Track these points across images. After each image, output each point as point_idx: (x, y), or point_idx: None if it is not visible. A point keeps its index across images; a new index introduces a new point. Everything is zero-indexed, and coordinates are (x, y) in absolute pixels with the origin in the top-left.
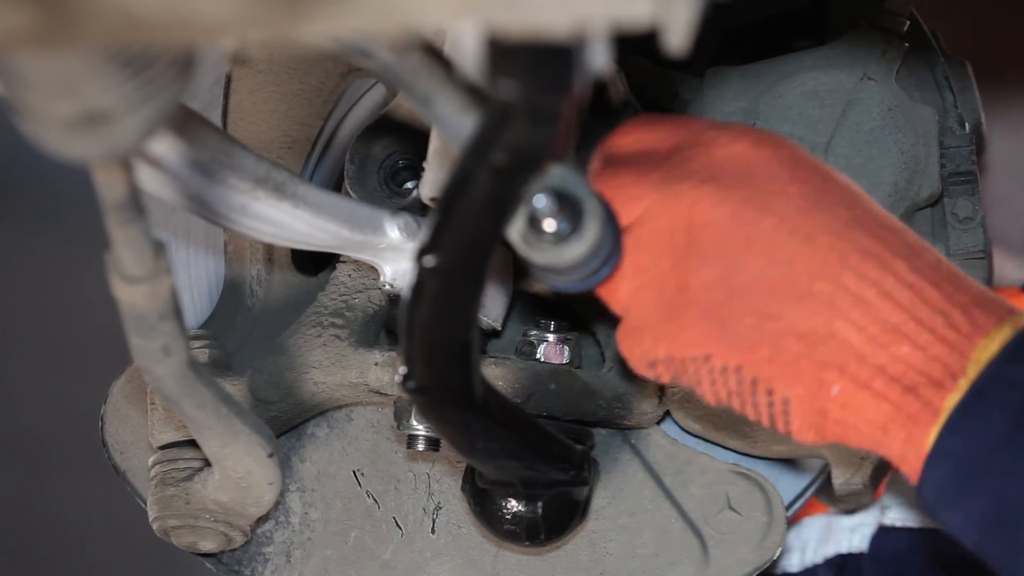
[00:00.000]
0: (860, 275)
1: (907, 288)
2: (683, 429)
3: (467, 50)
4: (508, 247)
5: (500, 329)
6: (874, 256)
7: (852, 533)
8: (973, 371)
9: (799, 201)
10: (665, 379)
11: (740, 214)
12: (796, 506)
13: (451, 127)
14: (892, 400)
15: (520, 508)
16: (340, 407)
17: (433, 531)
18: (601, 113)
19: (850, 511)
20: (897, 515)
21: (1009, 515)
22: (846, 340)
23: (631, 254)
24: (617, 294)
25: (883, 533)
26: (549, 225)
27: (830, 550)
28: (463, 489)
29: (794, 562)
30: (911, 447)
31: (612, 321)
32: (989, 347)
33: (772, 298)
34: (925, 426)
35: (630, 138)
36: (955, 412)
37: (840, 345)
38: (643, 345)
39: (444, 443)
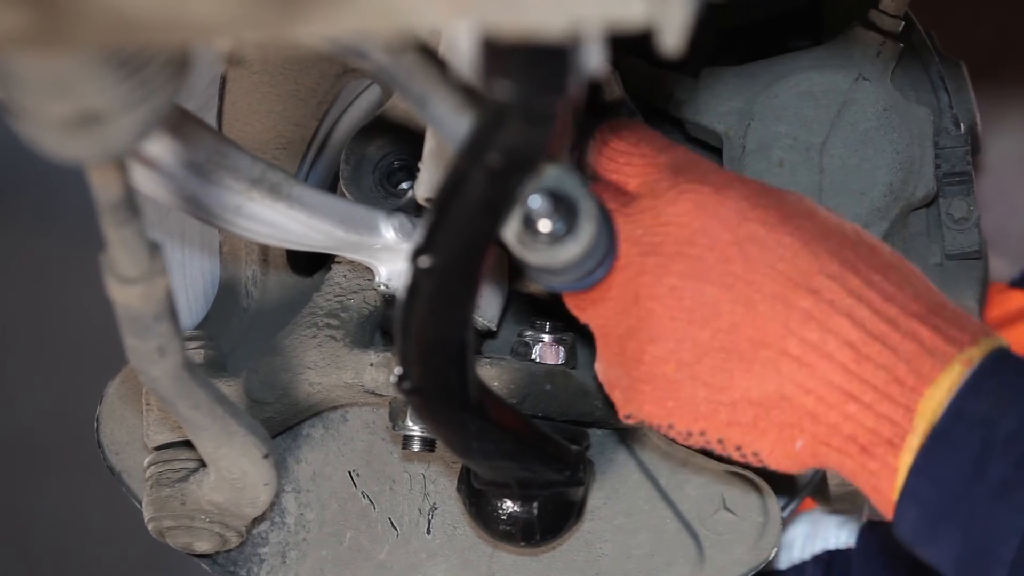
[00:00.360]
0: (801, 339)
1: (848, 347)
2: None
3: (462, 51)
4: (503, 248)
5: (495, 330)
6: (815, 317)
7: (839, 529)
8: (921, 424)
9: (739, 266)
10: (640, 424)
11: (680, 288)
12: (791, 507)
13: (446, 128)
14: (852, 456)
15: (516, 509)
16: (335, 408)
17: (429, 532)
18: (596, 113)
19: (846, 512)
20: None
21: (979, 557)
22: (797, 403)
23: (595, 300)
24: (585, 315)
25: (870, 528)
26: (544, 226)
27: (818, 547)
28: (459, 490)
29: (781, 559)
30: (880, 497)
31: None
32: (935, 396)
33: (721, 369)
34: (888, 481)
35: (612, 165)
36: (920, 454)
37: (793, 407)
38: (616, 399)
39: (439, 444)
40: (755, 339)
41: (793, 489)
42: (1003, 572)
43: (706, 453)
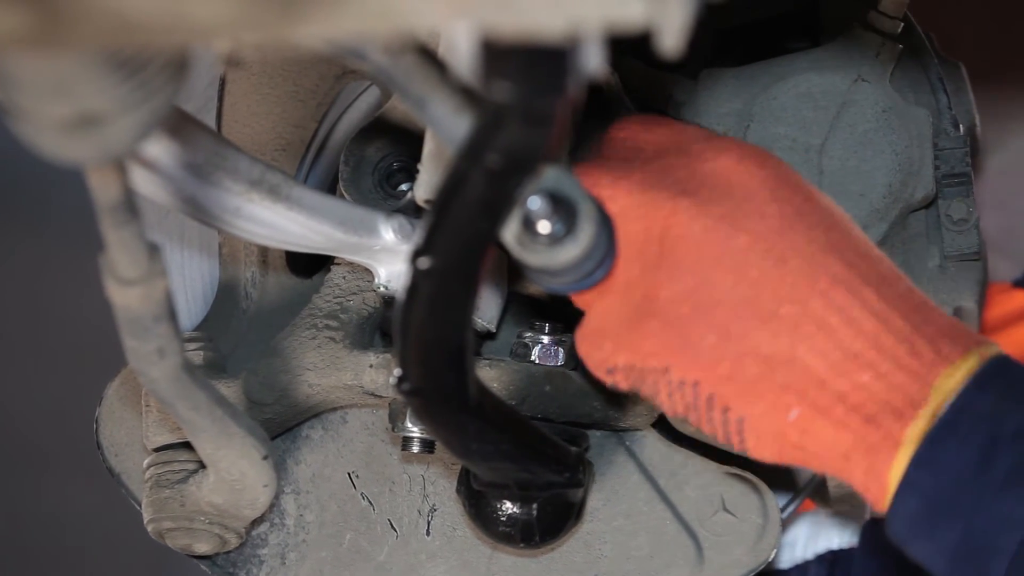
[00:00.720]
0: (828, 300)
1: (873, 316)
2: (678, 431)
3: (461, 52)
4: (503, 249)
5: (495, 331)
6: (844, 282)
7: (843, 529)
8: (935, 400)
9: (775, 222)
10: (623, 386)
11: (714, 230)
12: (791, 508)
13: (445, 129)
14: (852, 429)
15: (515, 510)
16: (335, 409)
17: (428, 533)
18: (595, 115)
19: (846, 514)
20: None
21: (978, 550)
22: (808, 365)
23: (604, 292)
24: (585, 296)
25: (873, 526)
26: (543, 227)
27: (821, 546)
28: (458, 491)
29: (784, 559)
30: (873, 477)
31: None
32: (953, 375)
33: (737, 317)
34: (887, 457)
35: (622, 134)
36: (924, 444)
37: (801, 370)
38: (603, 350)
39: (439, 445)
40: (779, 294)
41: (793, 490)
42: (1004, 563)
43: (693, 445)
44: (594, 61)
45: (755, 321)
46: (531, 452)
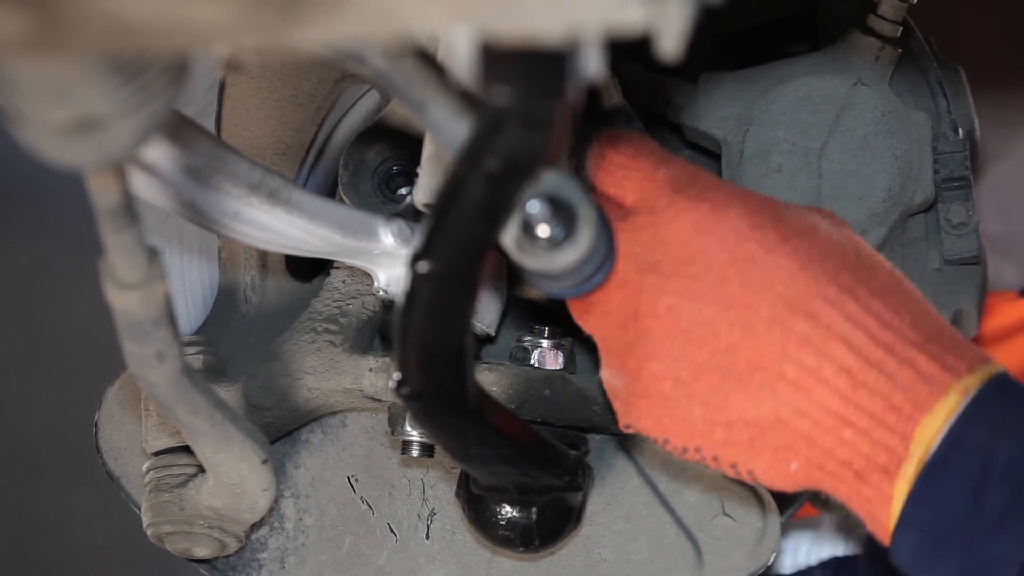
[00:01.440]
0: (797, 363)
1: (844, 373)
2: None
3: (460, 56)
4: (502, 253)
5: (494, 335)
6: (811, 341)
7: (847, 535)
8: (918, 452)
9: (737, 287)
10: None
11: (678, 307)
12: (790, 512)
13: (445, 133)
14: (847, 482)
15: (514, 514)
16: (334, 413)
17: (427, 537)
18: (595, 119)
19: (847, 518)
20: None
21: None
22: (793, 426)
23: (596, 305)
24: (588, 323)
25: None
26: (543, 231)
27: (825, 553)
28: (457, 495)
29: (786, 564)
30: (875, 523)
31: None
32: (932, 424)
33: (717, 388)
34: (883, 509)
35: (609, 178)
36: (919, 481)
37: (788, 430)
38: (615, 405)
39: (438, 449)
40: (752, 361)
41: (792, 495)
42: None
43: None
44: (593, 65)
45: (735, 389)
46: (530, 456)
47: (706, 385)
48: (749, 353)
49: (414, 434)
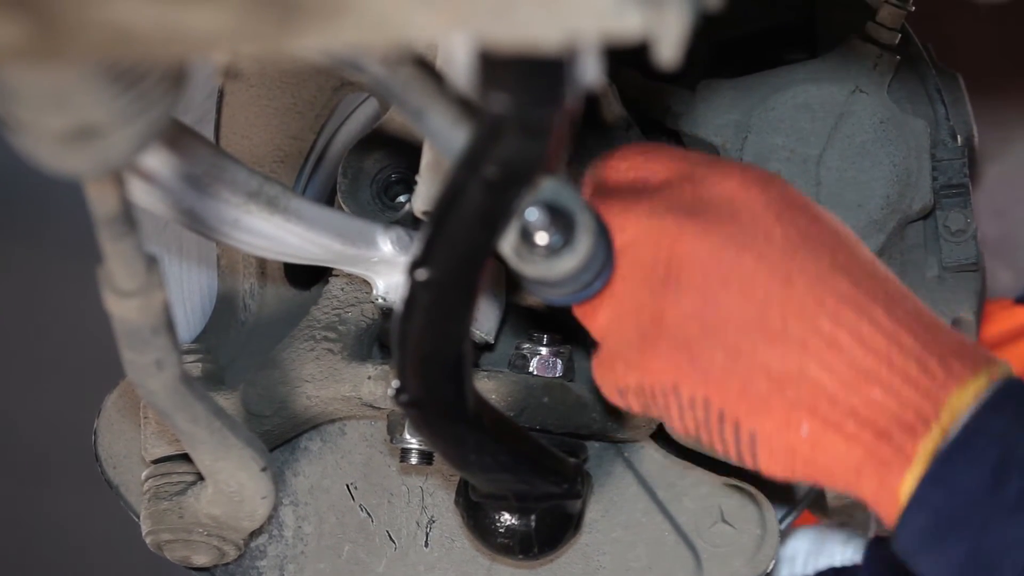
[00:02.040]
0: (836, 319)
1: (882, 334)
2: (677, 442)
3: (458, 63)
4: (501, 260)
5: (493, 342)
6: (851, 301)
7: (844, 546)
8: (946, 418)
9: (781, 243)
10: (635, 408)
11: (721, 251)
12: (789, 519)
13: (443, 140)
14: (864, 444)
15: (513, 521)
16: (333, 421)
17: (426, 545)
18: (594, 126)
19: (843, 524)
20: None
21: (985, 568)
22: (818, 382)
23: (612, 282)
24: (596, 320)
25: (877, 544)
26: (541, 238)
27: (822, 563)
28: (456, 502)
29: (783, 574)
30: (885, 492)
31: (591, 342)
32: (963, 396)
33: (745, 336)
34: (898, 472)
35: (624, 164)
36: (937, 462)
37: (811, 386)
38: (615, 372)
39: (437, 457)
40: (787, 313)
41: (791, 501)
42: None
43: (698, 460)
44: (591, 72)
45: (763, 339)
46: (529, 463)
47: (734, 331)
48: (785, 306)
49: (413, 442)
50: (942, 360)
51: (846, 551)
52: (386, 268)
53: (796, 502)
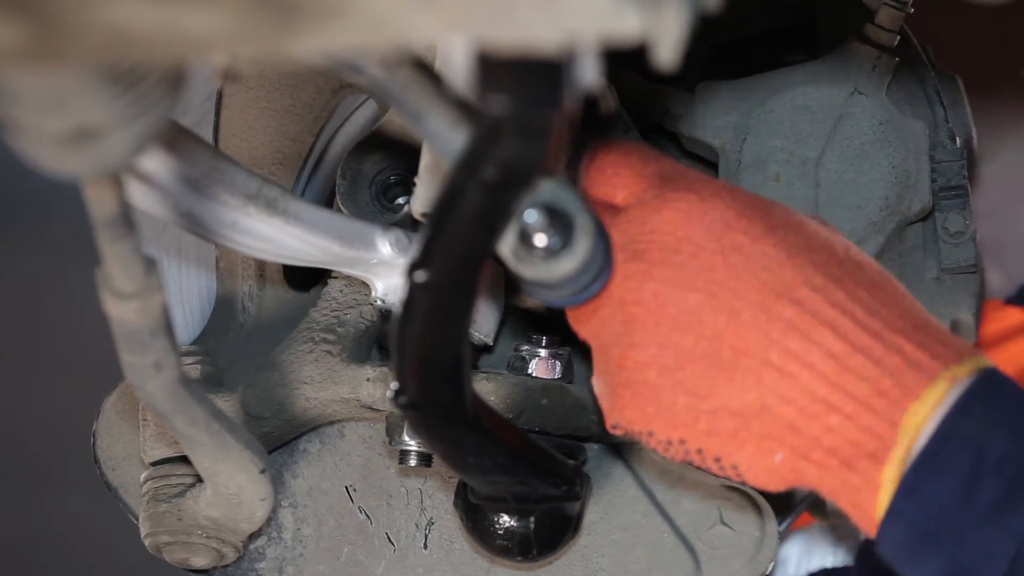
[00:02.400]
0: (784, 349)
1: (831, 359)
2: None
3: (457, 65)
4: (499, 262)
5: (492, 344)
6: (797, 327)
7: (836, 548)
8: (906, 438)
9: (723, 273)
10: (628, 437)
11: (663, 293)
12: (788, 521)
13: (442, 142)
14: (833, 471)
15: (512, 523)
16: (332, 423)
17: (425, 547)
18: (592, 128)
19: (844, 527)
20: None
21: None
22: (778, 414)
23: (588, 310)
24: (581, 332)
25: (870, 546)
26: (540, 240)
27: (814, 564)
28: (455, 504)
29: None
30: (861, 513)
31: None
32: (919, 411)
33: (702, 376)
34: (868, 497)
35: (602, 176)
36: (909, 474)
37: (774, 419)
38: (602, 406)
39: (436, 459)
40: (737, 348)
41: (790, 504)
42: None
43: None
44: (590, 74)
45: (721, 377)
46: (528, 465)
47: (691, 373)
48: (734, 340)
49: (412, 444)
50: (895, 375)
51: (838, 553)
52: (385, 270)
53: (796, 504)
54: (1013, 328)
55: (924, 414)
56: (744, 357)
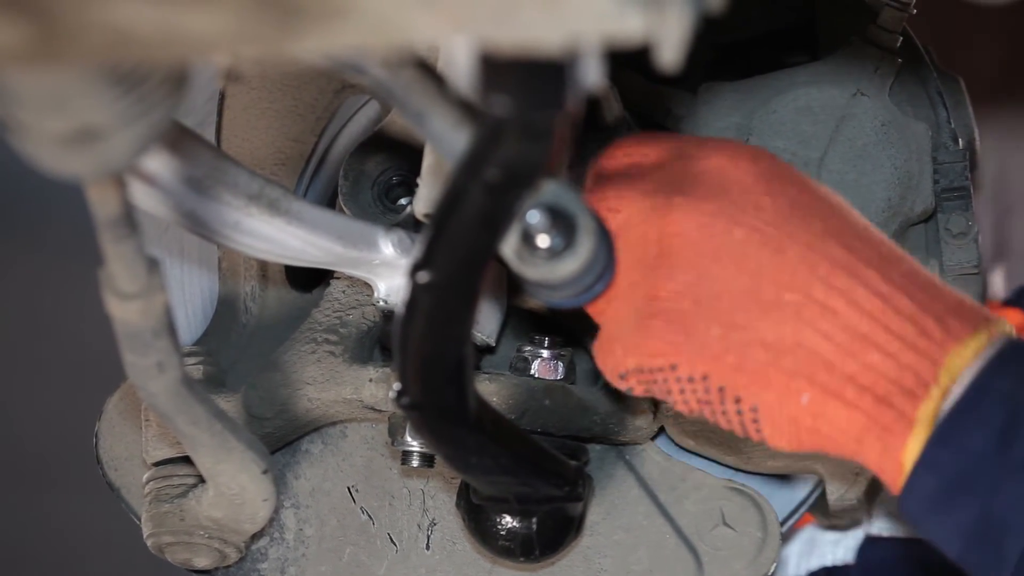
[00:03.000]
0: (829, 285)
1: (877, 297)
2: (677, 445)
3: (460, 66)
4: (502, 263)
5: (494, 345)
6: (844, 267)
7: (836, 546)
8: (945, 379)
9: (771, 214)
10: (637, 391)
11: (710, 225)
12: (790, 522)
13: (444, 143)
14: (864, 410)
15: (515, 524)
16: (334, 423)
17: (428, 547)
18: (595, 129)
19: (845, 527)
20: (884, 525)
21: (995, 529)
22: (814, 350)
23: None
24: (595, 305)
25: (870, 544)
26: (543, 241)
27: (814, 563)
28: (457, 505)
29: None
30: (888, 458)
31: (592, 344)
32: (962, 354)
33: (739, 308)
34: (900, 436)
35: (620, 152)
36: (943, 423)
37: (808, 355)
38: (614, 356)
39: (438, 459)
40: (780, 282)
41: (792, 504)
42: (1020, 544)
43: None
44: (593, 75)
45: (757, 310)
46: (530, 466)
47: (728, 304)
48: (777, 274)
49: (414, 444)
50: (939, 319)
51: (837, 551)
52: (387, 271)
53: (798, 505)
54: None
55: (966, 358)
56: (786, 291)
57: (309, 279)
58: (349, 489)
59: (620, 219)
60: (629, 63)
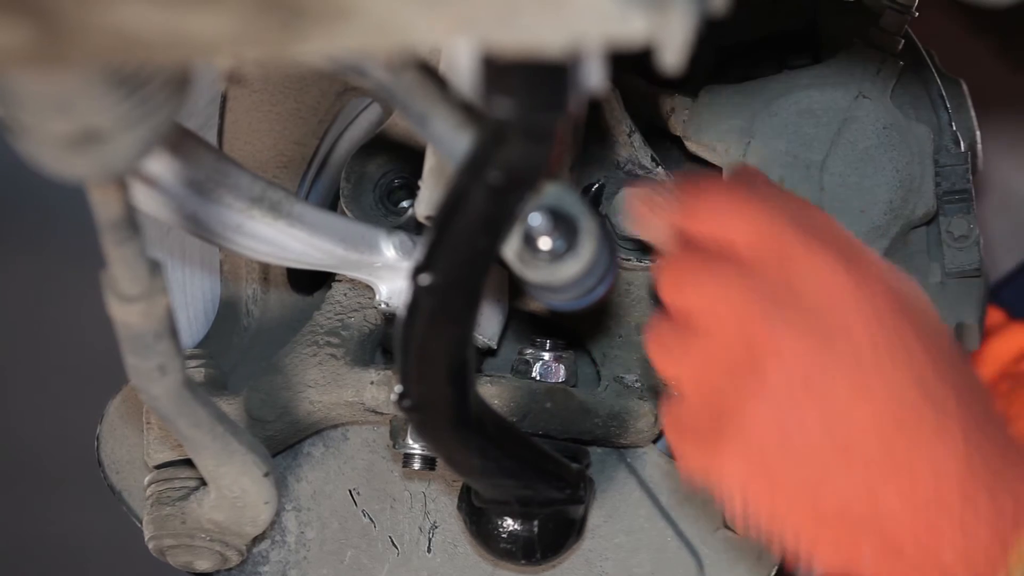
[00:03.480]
0: (911, 441)
1: (957, 460)
2: None
3: (462, 68)
4: (504, 265)
5: (496, 348)
6: (930, 423)
7: None
8: (1017, 567)
9: (867, 350)
10: (695, 483)
11: (805, 354)
12: None
13: (446, 145)
14: None
15: (516, 527)
16: (336, 426)
17: (429, 550)
18: (596, 131)
19: None
20: None
21: None
22: (885, 506)
23: (695, 335)
24: (670, 370)
25: None
26: (544, 243)
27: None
28: (459, 508)
29: None
30: None
31: (606, 338)
32: None
33: (818, 450)
34: None
35: (708, 215)
36: None
37: (878, 510)
38: (683, 443)
39: (440, 462)
40: (864, 431)
41: None
42: None
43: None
44: (595, 78)
45: (835, 456)
46: (532, 469)
47: (809, 444)
48: (862, 421)
49: (416, 447)
50: (1014, 494)
51: None
52: (389, 273)
53: None
54: (993, 327)
55: None
56: (869, 439)
57: (311, 282)
58: (351, 492)
59: (706, 304)
60: (631, 66)
